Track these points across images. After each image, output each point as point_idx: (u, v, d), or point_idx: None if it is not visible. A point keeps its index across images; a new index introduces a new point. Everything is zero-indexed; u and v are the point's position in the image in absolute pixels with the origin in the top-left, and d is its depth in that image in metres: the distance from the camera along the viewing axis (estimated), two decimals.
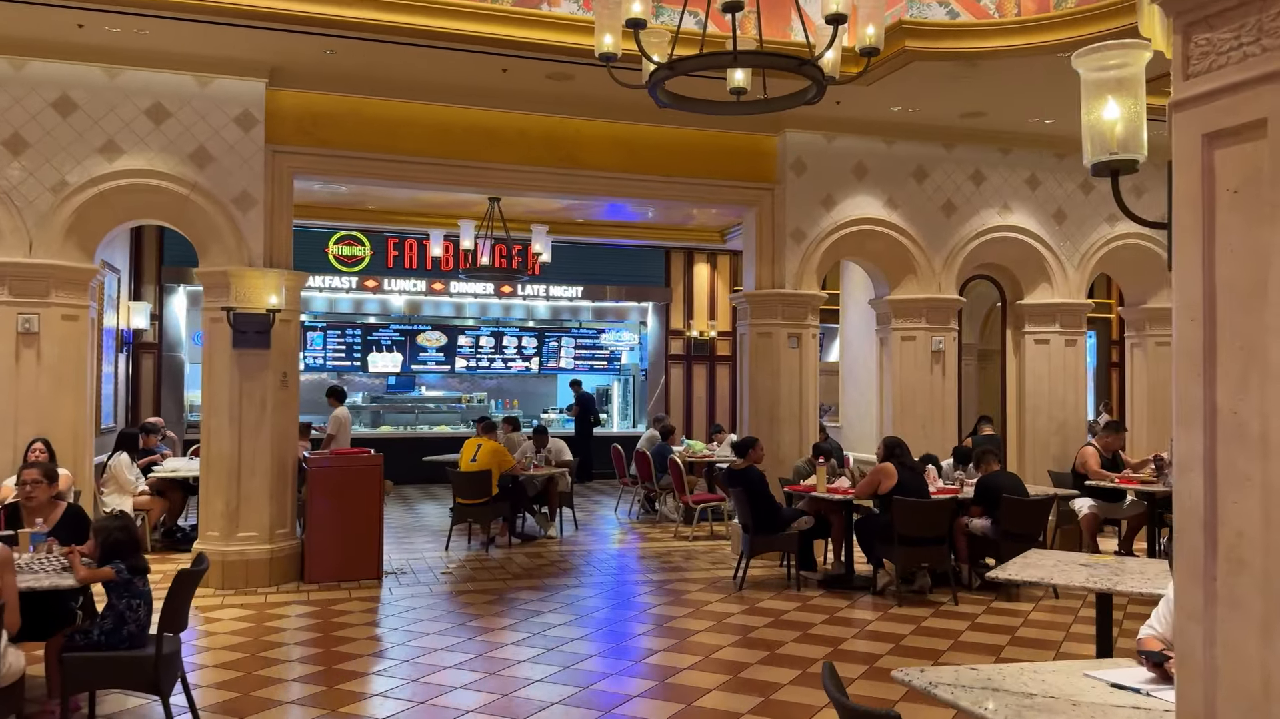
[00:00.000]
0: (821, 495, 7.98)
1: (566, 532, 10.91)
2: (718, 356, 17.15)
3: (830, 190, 9.49)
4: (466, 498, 9.84)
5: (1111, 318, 15.89)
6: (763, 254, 9.49)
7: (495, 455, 9.94)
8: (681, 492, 10.61)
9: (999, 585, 8.03)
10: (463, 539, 10.26)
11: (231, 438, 7.99)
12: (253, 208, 8.08)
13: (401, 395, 17.16)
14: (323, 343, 16.47)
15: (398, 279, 15.55)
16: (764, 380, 9.37)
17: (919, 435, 9.30)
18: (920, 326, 9.67)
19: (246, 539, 7.99)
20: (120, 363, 12.09)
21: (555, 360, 17.43)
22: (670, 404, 16.84)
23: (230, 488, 7.98)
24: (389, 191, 11.82)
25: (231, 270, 7.97)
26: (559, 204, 12.36)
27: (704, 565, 9.02)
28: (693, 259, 17.00)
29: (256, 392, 8.05)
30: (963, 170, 9.89)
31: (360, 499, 8.29)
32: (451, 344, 16.93)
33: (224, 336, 8.01)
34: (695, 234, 15.08)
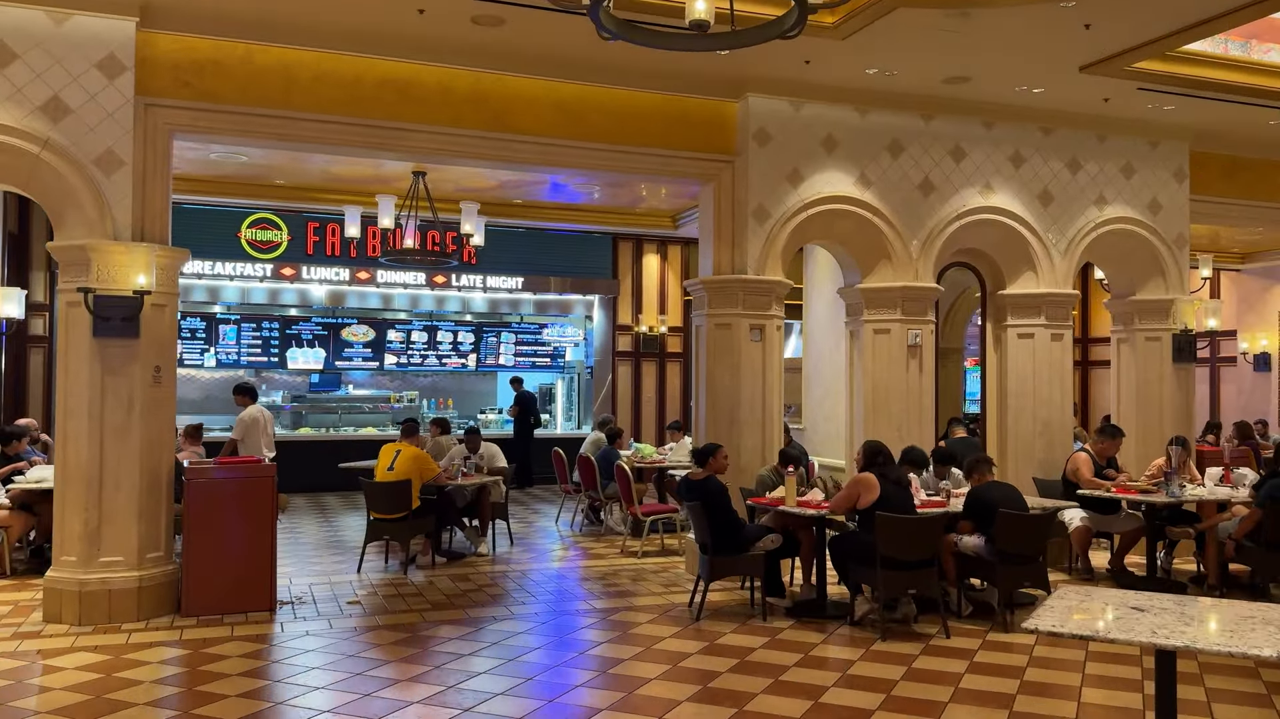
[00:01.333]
0: (791, 510, 6.91)
1: (500, 547, 9.72)
2: (668, 354, 16.09)
3: (797, 164, 8.44)
4: (382, 512, 8.60)
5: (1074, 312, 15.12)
6: (721, 235, 8.40)
7: (416, 463, 8.71)
8: (629, 502, 9.49)
9: (990, 611, 7.05)
10: (380, 558, 9.02)
11: (92, 444, 6.68)
12: (119, 170, 6.77)
13: (326, 395, 15.79)
14: (236, 337, 15.05)
15: (318, 267, 14.21)
16: (723, 378, 8.29)
17: (893, 438, 8.27)
18: (895, 318, 8.66)
19: (110, 565, 6.68)
20: None
21: (494, 357, 16.20)
22: (617, 404, 15.73)
23: (90, 503, 6.67)
24: (299, 164, 10.51)
25: (91, 244, 6.66)
26: (494, 180, 11.15)
27: (655, 588, 7.90)
28: (642, 248, 15.91)
29: (123, 389, 6.75)
30: (942, 145, 8.90)
31: (249, 516, 7.02)
32: (380, 339, 15.61)
33: (83, 324, 6.69)
34: (645, 219, 13.95)
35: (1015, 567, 6.69)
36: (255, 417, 9.91)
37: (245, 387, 10.30)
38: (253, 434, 9.91)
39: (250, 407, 10.00)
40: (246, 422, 9.90)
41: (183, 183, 11.42)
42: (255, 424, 9.87)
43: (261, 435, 9.90)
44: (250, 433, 9.94)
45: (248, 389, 10.25)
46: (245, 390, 10.25)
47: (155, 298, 6.84)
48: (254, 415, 9.90)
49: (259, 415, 9.94)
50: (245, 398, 10.15)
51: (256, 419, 9.90)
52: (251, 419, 9.87)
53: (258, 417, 9.92)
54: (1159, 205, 9.66)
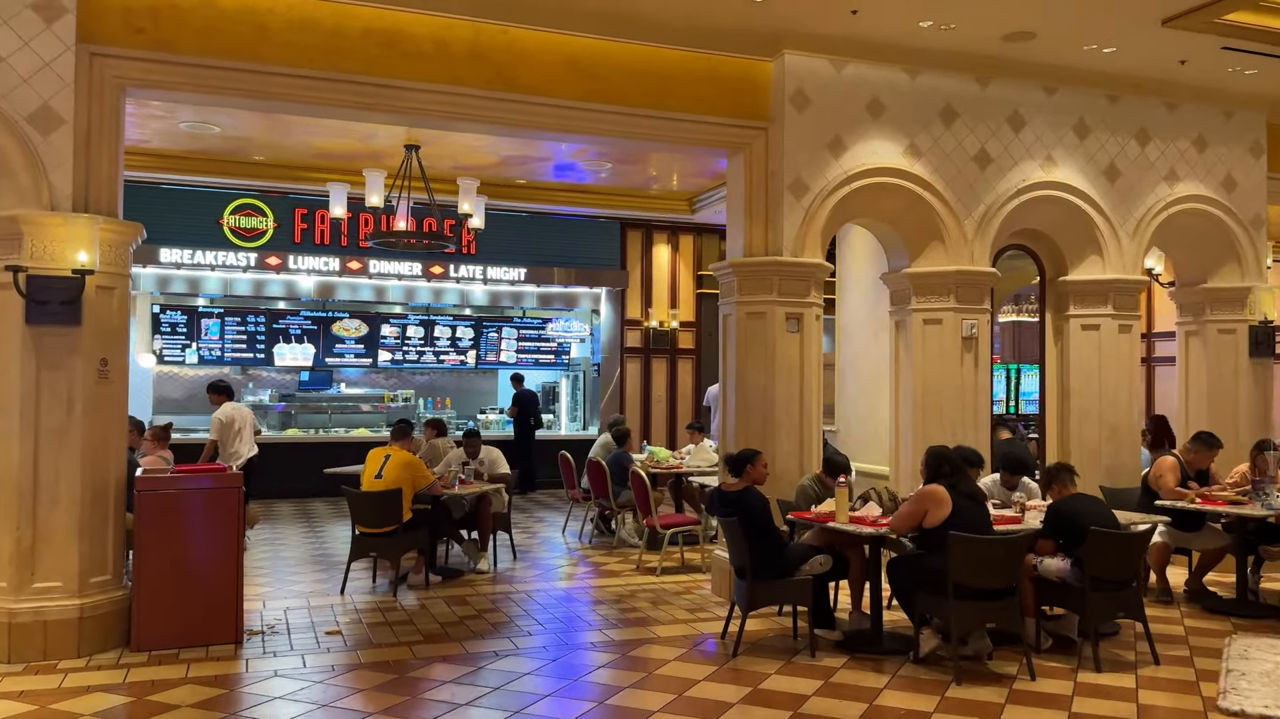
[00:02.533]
0: (843, 528, 5.92)
1: (502, 562, 8.75)
2: (680, 350, 15.10)
3: (839, 131, 7.46)
4: (369, 525, 7.62)
5: None
6: (753, 212, 7.42)
7: (407, 469, 7.72)
8: (646, 513, 8.50)
9: (1070, 644, 6.07)
10: (367, 576, 8.04)
11: (24, 449, 5.69)
12: (57, 129, 5.78)
13: (316, 393, 14.79)
14: (220, 331, 14.06)
15: (306, 256, 13.17)
16: (755, 374, 7.31)
17: (948, 443, 7.28)
18: (948, 306, 7.67)
19: (45, 592, 5.70)
20: None
21: (495, 353, 15.21)
22: (626, 404, 14.74)
23: (22, 519, 5.69)
24: (279, 137, 9.51)
25: (23, 215, 5.67)
26: (494, 156, 10.14)
27: (679, 614, 6.92)
28: (652, 238, 14.91)
29: (61, 385, 5.76)
30: (999, 112, 7.92)
31: (211, 532, 6.03)
32: (373, 334, 14.62)
33: (14, 310, 5.71)
34: (658, 202, 12.88)
35: (1107, 593, 5.71)
36: (231, 416, 9.09)
37: (219, 384, 9.46)
38: (227, 434, 9.05)
39: (225, 405, 9.12)
40: (222, 421, 9.06)
41: (153, 158, 10.49)
42: (230, 424, 9.00)
43: (237, 436, 9.00)
44: (225, 433, 9.09)
45: (222, 387, 9.41)
46: (219, 389, 9.41)
47: (101, 279, 5.85)
48: (229, 414, 9.08)
49: (234, 414, 9.12)
50: (220, 396, 9.34)
51: (232, 418, 9.08)
52: (227, 418, 9.04)
53: (233, 415, 9.12)
54: (1234, 183, 8.68)
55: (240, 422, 9.16)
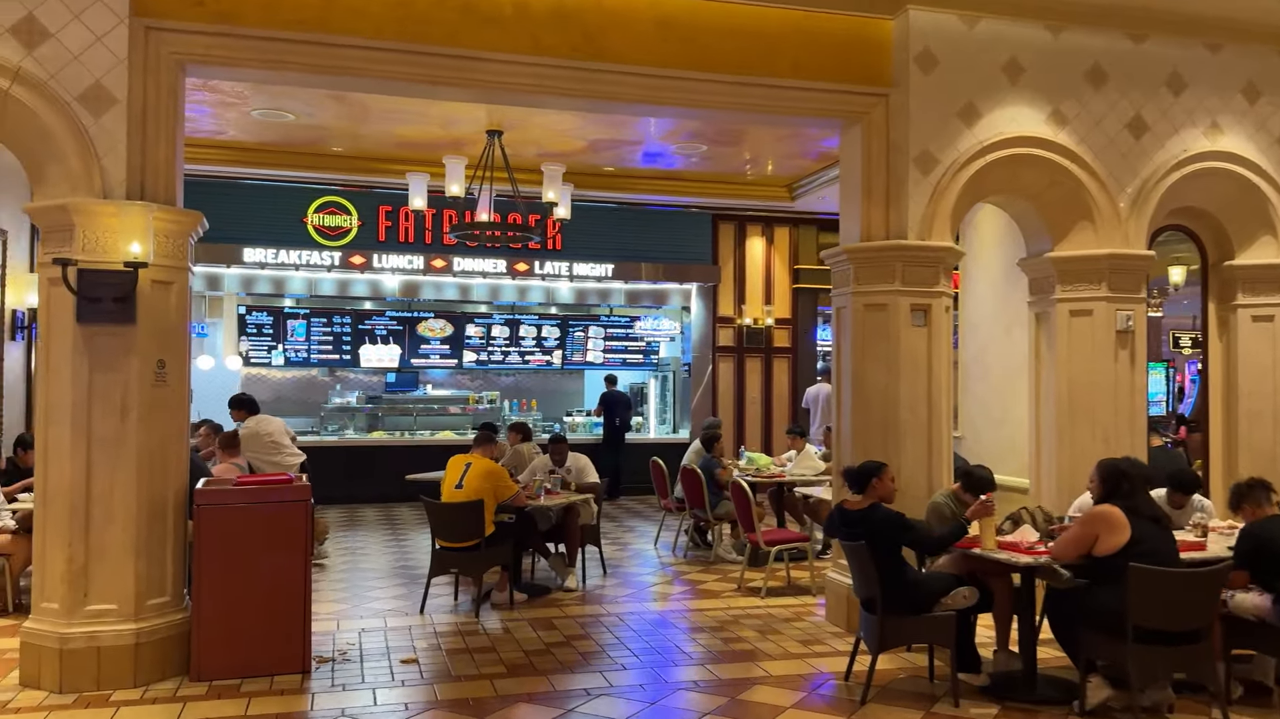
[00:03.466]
0: (992, 555, 5.06)
1: (591, 578, 8.08)
2: (775, 349, 14.25)
3: (972, 97, 6.57)
4: (449, 539, 7.02)
5: None
6: (871, 190, 6.58)
7: (489, 479, 7.10)
8: (749, 527, 7.72)
9: (1264, 693, 5.09)
10: (448, 592, 7.46)
11: (76, 460, 5.22)
12: (110, 109, 5.30)
13: (403, 395, 14.41)
14: (305, 332, 13.77)
15: (390, 254, 12.74)
16: (875, 373, 6.47)
17: (1099, 451, 6.35)
18: (1099, 295, 6.70)
19: (99, 615, 5.21)
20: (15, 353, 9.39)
21: (581, 353, 14.61)
22: (718, 405, 13.96)
23: (74, 536, 5.21)
24: (355, 125, 9.00)
25: (73, 204, 5.20)
26: (580, 140, 9.45)
27: (791, 646, 6.13)
28: (745, 231, 14.09)
29: (115, 389, 5.28)
30: (1156, 72, 6.92)
31: (277, 550, 5.48)
32: (458, 334, 14.16)
33: (66, 307, 5.24)
34: (755, 189, 11.94)
35: None
36: (254, 430, 8.41)
37: (238, 399, 8.78)
38: (254, 450, 8.37)
39: (247, 420, 8.53)
40: (245, 438, 8.38)
41: (229, 151, 10.13)
42: (256, 438, 8.35)
43: (273, 448, 8.45)
44: (251, 449, 8.38)
45: (242, 401, 8.73)
46: (239, 403, 8.73)
47: (156, 272, 5.35)
48: (252, 429, 8.40)
49: (256, 429, 8.45)
50: (240, 412, 8.65)
51: (256, 433, 8.41)
52: (250, 434, 8.33)
53: (256, 430, 8.44)
54: None
55: (264, 435, 8.50)
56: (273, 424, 8.70)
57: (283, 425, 8.84)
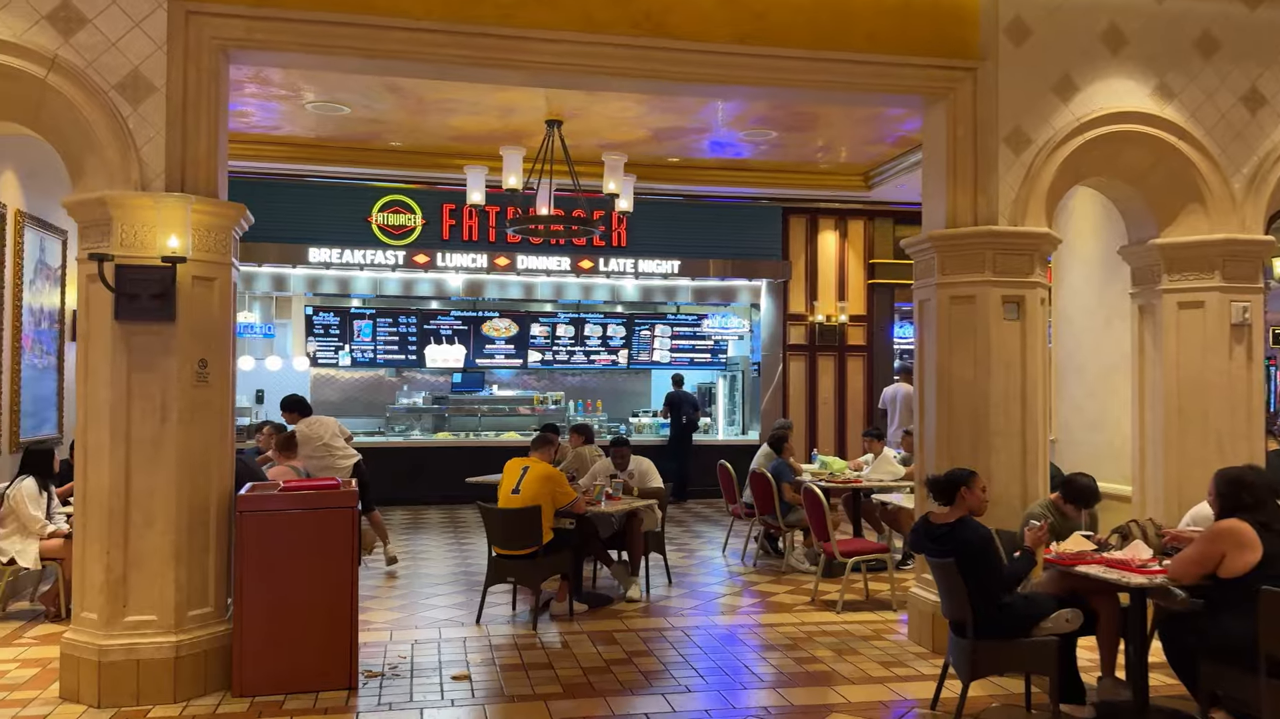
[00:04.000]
0: (1096, 574, 4.52)
1: (655, 587, 7.69)
2: (849, 347, 13.68)
3: (1068, 69, 6.01)
4: (506, 546, 6.70)
5: None
6: (958, 172, 6.06)
7: (547, 483, 6.75)
8: (823, 537, 7.24)
9: None
10: (506, 601, 7.14)
11: (114, 463, 5.01)
12: (148, 97, 5.08)
13: (469, 396, 14.22)
14: (371, 333, 13.67)
15: (454, 253, 12.55)
16: (962, 371, 5.95)
17: (1212, 458, 5.76)
18: (1211, 285, 6.08)
19: (138, 627, 4.99)
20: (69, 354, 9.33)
21: (647, 353, 14.23)
22: (789, 406, 13.44)
23: (113, 543, 5.00)
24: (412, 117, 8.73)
25: (110, 197, 4.99)
26: (643, 129, 9.02)
27: (871, 667, 5.65)
28: (817, 224, 13.55)
29: (154, 390, 5.05)
30: (1272, 41, 6.26)
31: (322, 559, 5.20)
32: (523, 333, 13.91)
33: (104, 305, 5.04)
34: (828, 179, 11.33)
35: None
36: (304, 434, 8.17)
37: (290, 400, 8.54)
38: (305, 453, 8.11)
39: (299, 423, 8.30)
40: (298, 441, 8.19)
41: (286, 147, 9.98)
42: (305, 442, 8.11)
43: (325, 451, 8.22)
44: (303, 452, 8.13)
45: (294, 403, 8.49)
46: (291, 405, 8.48)
47: (198, 268, 5.12)
48: (301, 433, 8.15)
49: (306, 432, 8.21)
50: (293, 414, 8.41)
51: (307, 437, 8.18)
52: (301, 437, 8.10)
53: (305, 431, 8.20)
54: None
55: (319, 436, 8.25)
56: (325, 426, 8.44)
57: (336, 427, 8.56)
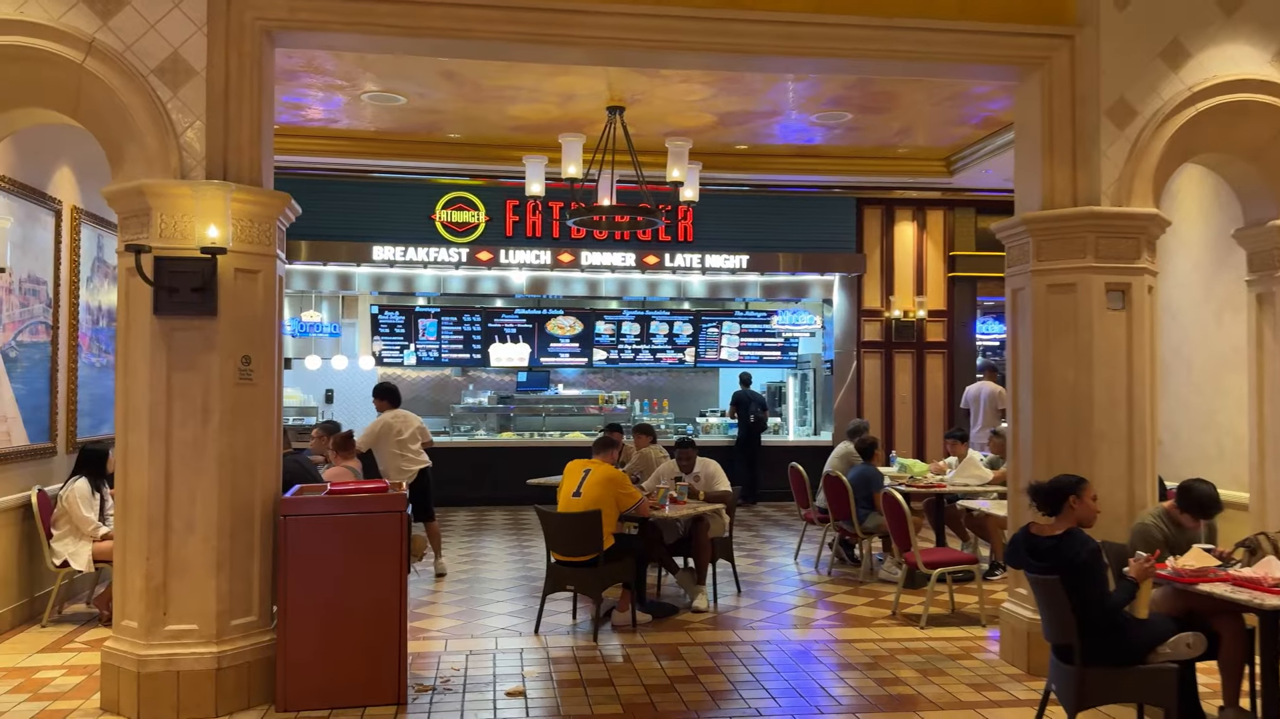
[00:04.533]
0: (1222, 594, 3.99)
1: (723, 596, 7.29)
2: (927, 343, 13.07)
3: (1177, 34, 5.44)
4: (566, 553, 6.36)
5: None
6: (1055, 148, 5.53)
7: (610, 486, 6.40)
8: (905, 546, 6.75)
9: None
10: (566, 609, 6.81)
11: (154, 466, 4.79)
12: (188, 81, 4.86)
13: (535, 395, 13.98)
14: (436, 332, 13.48)
15: (517, 250, 12.31)
16: (1061, 368, 5.42)
17: None
18: None
19: (179, 636, 4.76)
20: None
21: (715, 350, 13.79)
22: (863, 406, 12.90)
23: (152, 549, 4.78)
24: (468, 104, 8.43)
25: (148, 186, 4.77)
26: (710, 115, 8.56)
27: (960, 691, 5.17)
28: (893, 215, 12.98)
29: (196, 390, 4.82)
30: None
31: (369, 566, 4.92)
32: (588, 331, 13.60)
33: (144, 300, 4.83)
34: (906, 164, 10.69)
35: None
36: (388, 423, 7.98)
37: (383, 388, 8.32)
38: (383, 446, 8.00)
39: (385, 413, 8.10)
40: (375, 431, 7.99)
41: (344, 142, 9.80)
42: (386, 433, 7.94)
43: (392, 448, 7.97)
44: (380, 444, 8.01)
45: (386, 391, 8.27)
46: (383, 393, 8.27)
47: (240, 260, 4.88)
48: (384, 422, 7.98)
49: (391, 422, 8.00)
50: (383, 402, 8.21)
51: (390, 425, 7.97)
52: (383, 426, 7.94)
53: (390, 422, 7.99)
54: None
55: (393, 431, 8.01)
56: (408, 423, 8.14)
57: (419, 426, 8.24)
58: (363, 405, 14.37)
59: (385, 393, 8.27)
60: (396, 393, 8.32)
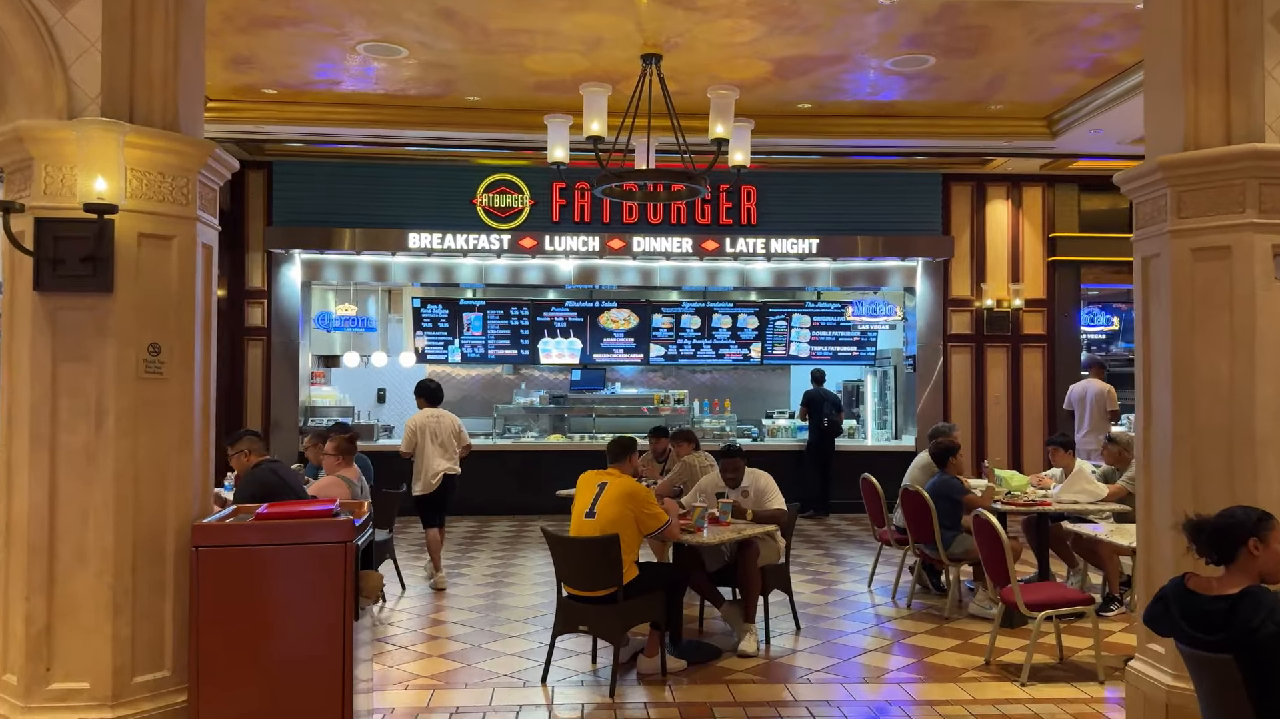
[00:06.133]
0: None
1: (778, 636, 6.08)
2: (1024, 336, 11.62)
3: None
4: (579, 585, 5.23)
5: None
6: (1201, 71, 4.19)
7: (629, 503, 5.23)
8: (1002, 580, 5.44)
9: None
10: (585, 647, 5.69)
11: (37, 480, 3.82)
12: (79, 0, 3.89)
13: (589, 394, 12.93)
14: (482, 326, 12.49)
15: (563, 236, 11.29)
16: (1211, 358, 4.09)
17: None
18: None
19: (65, 697, 3.78)
20: None
21: (784, 346, 12.51)
22: (950, 407, 11.51)
23: (34, 587, 3.81)
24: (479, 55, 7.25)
25: (25, 129, 3.80)
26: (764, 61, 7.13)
27: None
28: (985, 193, 11.57)
29: (87, 384, 3.84)
30: None
31: (306, 610, 3.88)
32: (644, 325, 12.45)
33: (26, 273, 3.87)
34: (1000, 124, 9.05)
35: None
36: (421, 423, 7.54)
37: (424, 386, 7.86)
38: (424, 451, 7.52)
39: (420, 411, 7.68)
40: (411, 428, 7.55)
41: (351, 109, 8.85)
42: (422, 431, 7.50)
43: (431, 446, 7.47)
44: (422, 448, 7.55)
45: (425, 389, 7.83)
46: (423, 391, 7.84)
47: (147, 222, 3.89)
48: (419, 422, 7.55)
49: (425, 421, 7.54)
50: (421, 399, 7.80)
51: (424, 425, 7.52)
52: (418, 426, 7.52)
53: (424, 422, 7.54)
54: None
55: (428, 430, 7.49)
56: (443, 424, 7.62)
57: (452, 430, 7.64)
58: (410, 406, 13.56)
59: (423, 390, 7.85)
60: (438, 391, 7.85)
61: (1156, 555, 4.33)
